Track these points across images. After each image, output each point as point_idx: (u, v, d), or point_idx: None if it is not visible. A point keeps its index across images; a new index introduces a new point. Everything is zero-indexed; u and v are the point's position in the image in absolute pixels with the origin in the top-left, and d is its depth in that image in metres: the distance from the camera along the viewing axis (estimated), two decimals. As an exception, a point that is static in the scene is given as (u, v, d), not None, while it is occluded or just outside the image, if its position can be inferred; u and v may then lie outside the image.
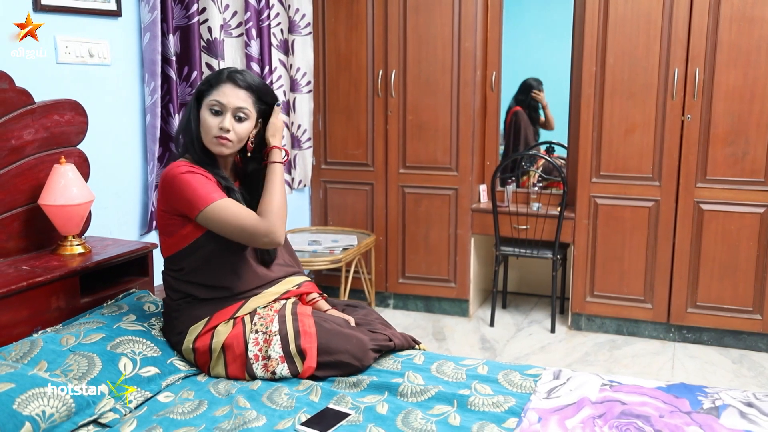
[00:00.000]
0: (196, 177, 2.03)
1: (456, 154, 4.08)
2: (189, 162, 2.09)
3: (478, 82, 4.07)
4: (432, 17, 3.99)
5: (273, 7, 3.82)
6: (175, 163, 2.08)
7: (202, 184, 2.02)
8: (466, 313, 4.25)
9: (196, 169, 2.06)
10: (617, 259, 3.85)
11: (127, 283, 2.51)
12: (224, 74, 2.11)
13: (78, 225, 2.42)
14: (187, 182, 2.02)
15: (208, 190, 2.02)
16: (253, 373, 2.08)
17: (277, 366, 2.07)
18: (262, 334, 2.10)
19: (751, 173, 3.50)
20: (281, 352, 2.07)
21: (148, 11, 2.97)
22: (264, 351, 2.08)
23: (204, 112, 2.08)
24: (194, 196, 2.01)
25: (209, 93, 2.09)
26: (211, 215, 2.01)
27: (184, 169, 2.04)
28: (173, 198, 2.05)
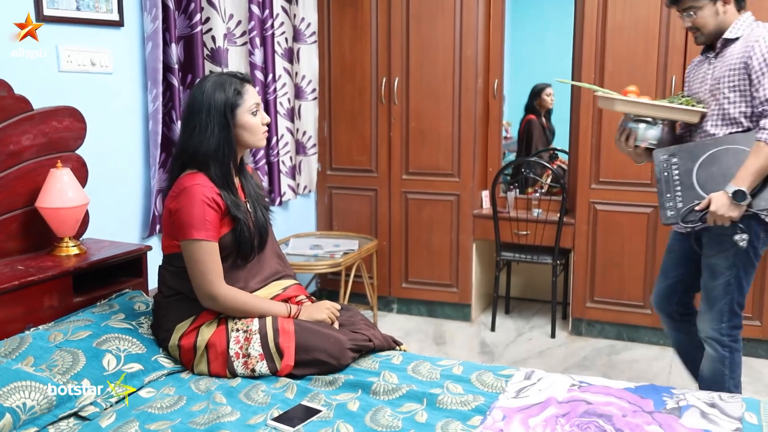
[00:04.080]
0: (200, 203, 2.11)
1: (458, 160, 4.13)
2: (209, 180, 2.17)
3: (480, 89, 4.11)
4: (434, 26, 4.05)
5: (277, 16, 3.91)
6: (201, 179, 2.15)
7: (198, 215, 2.11)
8: (468, 318, 4.28)
9: (209, 192, 2.14)
10: (617, 265, 3.86)
11: (122, 283, 2.60)
12: (238, 78, 2.22)
13: (73, 227, 2.51)
14: (191, 206, 2.11)
15: (198, 224, 2.11)
16: (234, 370, 2.15)
17: (257, 363, 2.13)
18: (243, 332, 2.17)
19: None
20: (260, 350, 2.14)
21: (151, 21, 3.07)
22: (244, 349, 2.15)
23: (245, 117, 2.20)
24: (186, 223, 2.11)
25: (241, 100, 2.20)
26: (188, 248, 2.13)
27: (200, 194, 2.12)
28: (176, 210, 2.14)
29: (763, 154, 2.26)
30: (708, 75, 2.53)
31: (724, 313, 2.49)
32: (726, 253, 2.42)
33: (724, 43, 2.48)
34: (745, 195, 2.26)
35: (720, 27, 2.46)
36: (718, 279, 2.48)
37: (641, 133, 2.53)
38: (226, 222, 2.19)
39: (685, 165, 2.42)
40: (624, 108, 2.52)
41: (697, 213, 2.37)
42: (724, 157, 2.36)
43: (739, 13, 2.47)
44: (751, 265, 2.47)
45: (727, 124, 2.43)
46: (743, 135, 2.37)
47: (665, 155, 2.47)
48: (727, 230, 2.37)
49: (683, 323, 2.77)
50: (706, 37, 2.49)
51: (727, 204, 2.29)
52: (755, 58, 2.33)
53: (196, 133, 2.16)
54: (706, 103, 2.52)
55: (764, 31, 2.37)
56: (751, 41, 2.37)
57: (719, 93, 2.44)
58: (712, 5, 2.43)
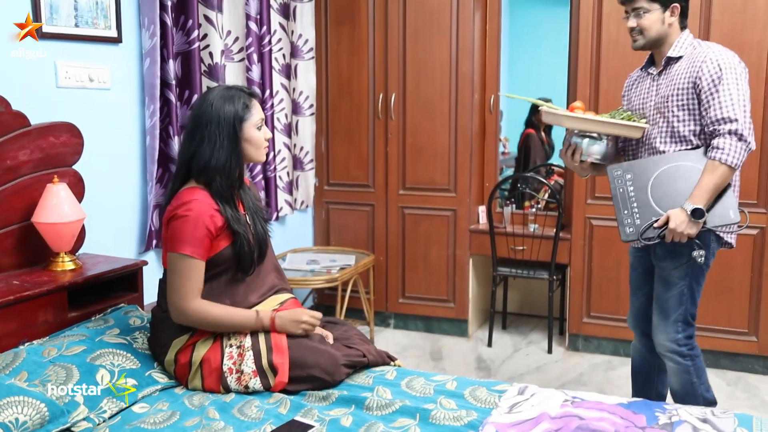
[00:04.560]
0: (195, 220, 2.12)
1: (454, 175, 4.15)
2: (209, 195, 2.18)
3: (476, 105, 4.14)
4: (430, 42, 4.08)
5: (275, 33, 3.94)
6: (200, 195, 2.16)
7: (190, 231, 2.11)
8: (465, 333, 4.28)
9: (207, 209, 2.14)
10: (613, 280, 3.87)
11: (117, 298, 2.61)
12: (245, 93, 2.23)
13: (69, 242, 2.52)
14: (187, 220, 2.12)
15: (190, 239, 2.11)
16: (228, 386, 2.15)
17: (250, 380, 2.14)
18: (237, 348, 2.17)
19: (744, 195, 3.49)
20: (254, 367, 2.14)
21: (149, 37, 3.10)
22: (238, 365, 2.15)
23: (251, 131, 2.21)
24: (179, 236, 2.12)
25: (248, 115, 2.21)
26: (173, 260, 2.14)
27: (198, 211, 2.12)
28: (172, 223, 2.15)
29: (718, 172, 2.31)
30: (652, 91, 2.57)
31: (678, 323, 2.53)
32: (680, 265, 2.46)
33: (668, 61, 2.52)
34: (703, 213, 2.31)
35: (661, 36, 2.50)
36: (672, 290, 2.51)
37: (586, 148, 2.57)
38: (225, 236, 2.19)
39: (639, 181, 2.45)
40: (570, 124, 2.56)
41: (655, 229, 2.39)
42: (677, 173, 2.40)
43: (681, 30, 2.53)
44: (702, 276, 2.53)
45: (677, 141, 2.48)
46: (693, 152, 2.41)
47: (619, 171, 2.50)
48: (683, 245, 2.40)
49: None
50: (646, 41, 2.52)
51: (686, 222, 2.32)
52: (704, 79, 2.37)
53: (204, 145, 2.16)
54: (650, 119, 2.56)
55: (708, 50, 2.42)
56: (698, 61, 2.41)
57: (668, 111, 2.48)
58: (661, 12, 2.48)
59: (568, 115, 2.53)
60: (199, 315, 2.13)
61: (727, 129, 2.32)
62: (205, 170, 2.16)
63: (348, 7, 4.23)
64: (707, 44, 2.48)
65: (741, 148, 2.31)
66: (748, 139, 2.32)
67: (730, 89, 2.34)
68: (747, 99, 2.37)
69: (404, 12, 4.11)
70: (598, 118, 2.53)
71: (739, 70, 2.38)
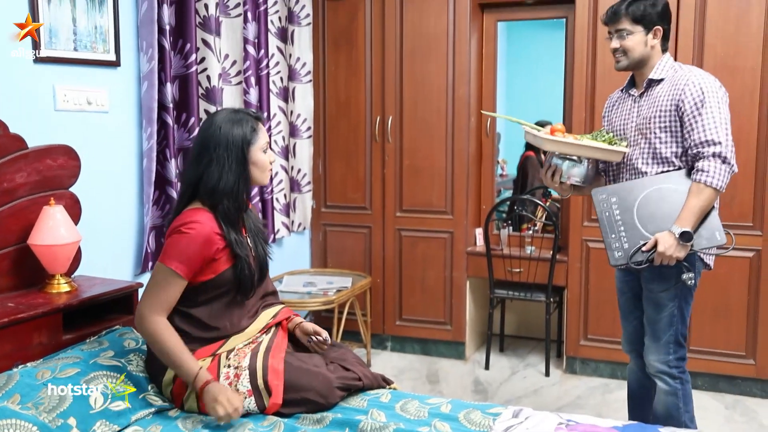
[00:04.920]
0: (192, 240, 2.12)
1: (451, 197, 4.16)
2: (213, 218, 2.18)
3: (473, 128, 4.16)
4: (427, 66, 4.12)
5: (273, 56, 3.97)
6: (204, 217, 2.16)
7: (183, 248, 2.12)
8: (463, 356, 4.27)
9: (208, 232, 2.14)
10: (610, 303, 3.85)
11: (112, 320, 2.60)
12: (252, 117, 2.25)
13: (65, 264, 2.53)
14: (185, 238, 2.12)
15: (179, 255, 2.11)
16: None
17: (245, 400, 2.13)
18: (234, 368, 2.17)
19: (740, 217, 3.52)
20: (249, 386, 2.14)
21: (147, 61, 3.12)
22: (233, 385, 2.14)
23: (257, 154, 2.23)
24: (172, 250, 2.13)
25: (255, 138, 2.22)
26: (158, 270, 2.15)
27: (199, 231, 2.13)
28: (170, 236, 2.15)
29: (704, 195, 2.33)
30: (633, 113, 2.60)
31: (670, 344, 2.52)
32: (669, 288, 2.47)
33: (649, 83, 2.55)
34: (691, 235, 2.32)
35: (643, 58, 2.53)
36: (662, 312, 2.52)
37: (566, 170, 2.59)
38: (226, 258, 2.19)
39: (624, 204, 2.46)
40: (550, 147, 2.57)
41: (644, 253, 2.39)
42: (661, 196, 2.41)
43: (662, 53, 2.56)
44: (690, 296, 2.54)
45: (658, 162, 2.50)
46: (676, 174, 2.43)
47: (604, 195, 2.51)
48: (670, 267, 2.41)
49: None
50: (629, 62, 2.54)
51: (674, 245, 2.33)
52: (687, 102, 2.40)
53: (212, 167, 2.16)
54: (631, 140, 2.57)
55: (690, 74, 2.45)
56: (680, 84, 2.44)
57: (650, 133, 2.50)
58: (644, 34, 2.50)
59: (549, 138, 2.53)
60: (154, 332, 2.11)
61: (711, 152, 2.34)
62: (213, 193, 2.17)
63: (345, 30, 4.27)
64: (688, 67, 2.52)
65: (725, 171, 2.34)
66: (731, 162, 2.35)
67: (713, 113, 2.36)
68: (728, 123, 2.39)
69: (401, 35, 4.15)
70: (578, 142, 2.54)
71: (720, 94, 2.41)
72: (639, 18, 2.49)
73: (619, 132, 2.65)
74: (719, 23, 3.48)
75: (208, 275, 2.18)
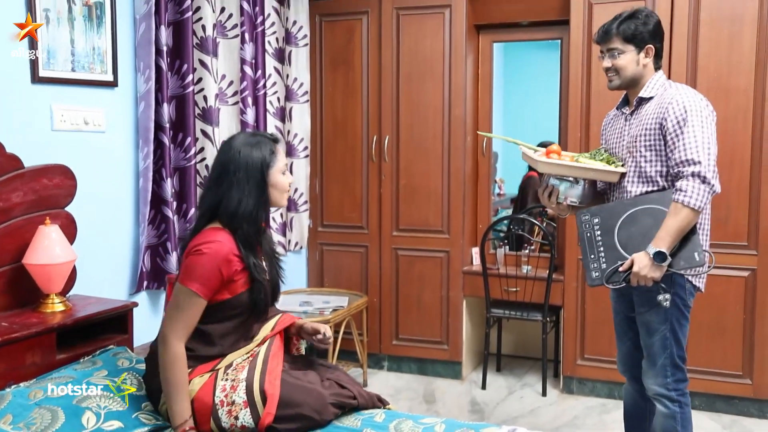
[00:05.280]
0: (210, 259, 2.13)
1: (447, 217, 4.17)
2: (232, 239, 2.18)
3: (469, 148, 4.18)
4: (424, 86, 4.15)
5: (270, 77, 4.00)
6: (223, 237, 2.17)
7: (203, 270, 2.12)
8: (459, 376, 4.26)
9: (228, 253, 2.15)
10: (607, 322, 3.82)
11: (107, 340, 2.61)
12: (270, 138, 2.27)
13: (60, 284, 2.53)
14: (204, 258, 2.13)
15: (199, 276, 2.12)
16: (219, 419, 2.14)
17: (240, 411, 2.13)
18: (231, 381, 2.18)
19: (735, 237, 3.53)
20: (245, 397, 2.14)
21: (144, 81, 3.15)
22: (229, 397, 2.15)
23: (276, 177, 2.24)
24: (191, 271, 2.13)
25: (275, 160, 2.23)
26: (179, 292, 2.14)
27: (219, 252, 2.14)
28: (189, 255, 2.16)
29: (682, 215, 2.31)
30: (624, 131, 2.60)
31: (666, 368, 2.50)
32: (657, 309, 2.44)
33: (640, 101, 2.55)
34: (666, 256, 2.30)
35: (636, 76, 2.53)
36: (654, 335, 2.49)
37: (563, 190, 2.59)
38: (243, 281, 2.20)
39: (606, 225, 2.46)
40: (546, 169, 2.56)
41: (621, 274, 2.39)
42: (643, 216, 2.41)
43: (655, 71, 2.55)
44: (683, 317, 2.50)
45: (644, 182, 2.49)
46: (659, 194, 2.42)
47: (587, 216, 2.51)
48: (652, 289, 2.40)
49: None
50: (622, 81, 2.55)
51: (648, 265, 2.32)
52: (669, 120, 2.39)
53: (232, 191, 2.17)
54: (623, 160, 2.57)
55: (676, 92, 2.44)
56: (665, 102, 2.44)
57: (636, 151, 2.50)
58: (635, 54, 2.50)
59: (543, 161, 2.53)
60: (171, 361, 2.11)
61: (690, 171, 2.32)
62: (234, 217, 2.18)
63: (343, 51, 4.31)
64: (677, 86, 2.50)
65: (704, 191, 2.31)
66: (711, 182, 2.31)
67: (695, 131, 2.35)
68: (712, 142, 2.36)
69: (398, 56, 4.19)
70: (573, 164, 2.54)
71: (705, 114, 2.39)
72: (630, 37, 2.50)
73: (613, 150, 2.66)
74: (712, 45, 3.51)
75: (225, 295, 2.19)
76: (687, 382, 2.55)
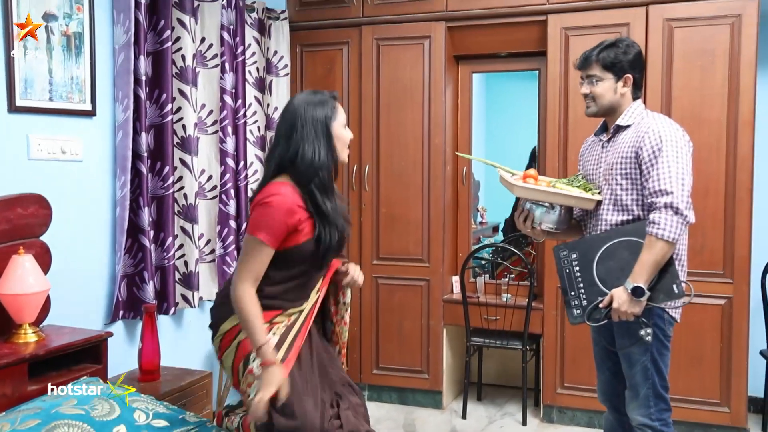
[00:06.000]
0: (275, 210, 2.21)
1: (427, 245, 4.18)
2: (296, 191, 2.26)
3: (449, 177, 4.21)
4: (404, 116, 4.18)
5: (250, 106, 4.02)
6: (288, 189, 2.24)
7: (270, 220, 2.20)
8: (440, 405, 4.24)
9: (293, 203, 2.23)
10: (586, 350, 3.84)
11: (81, 370, 2.59)
12: (331, 98, 2.36)
13: (33, 313, 2.51)
14: (271, 209, 2.21)
15: (265, 226, 2.20)
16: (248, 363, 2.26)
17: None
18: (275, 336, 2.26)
19: (711, 265, 3.56)
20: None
21: (122, 110, 3.16)
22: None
23: (339, 130, 2.34)
24: (258, 221, 2.22)
25: (335, 115, 2.34)
26: (248, 242, 2.23)
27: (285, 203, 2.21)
28: (256, 207, 2.24)
29: (656, 248, 2.32)
30: (601, 159, 2.63)
31: (649, 398, 2.49)
32: (638, 342, 2.44)
33: (617, 129, 2.58)
34: (644, 291, 2.32)
35: (613, 105, 2.57)
36: (635, 367, 2.50)
37: (538, 216, 2.60)
38: (308, 230, 2.27)
39: (584, 261, 2.46)
40: (521, 193, 2.58)
41: (601, 310, 2.40)
42: (620, 250, 2.42)
43: (633, 100, 2.59)
44: (664, 348, 2.50)
45: (619, 210, 2.51)
46: (634, 226, 2.43)
47: (565, 251, 2.51)
48: (632, 324, 2.40)
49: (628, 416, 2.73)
50: (599, 108, 2.59)
51: (627, 301, 2.33)
52: (645, 150, 2.41)
53: (306, 144, 2.27)
54: (600, 187, 2.59)
55: (653, 122, 2.47)
56: (641, 131, 2.46)
57: (612, 179, 2.52)
58: (613, 82, 2.54)
59: (519, 185, 2.55)
60: (241, 298, 2.20)
61: (662, 202, 2.33)
62: (311, 166, 2.26)
63: (323, 80, 4.34)
64: (654, 115, 2.53)
65: (677, 222, 2.32)
66: (684, 213, 2.32)
67: (669, 162, 2.37)
68: (687, 173, 2.38)
69: (378, 86, 4.23)
70: (549, 190, 2.55)
71: (680, 144, 2.41)
72: (609, 65, 2.53)
73: (590, 177, 2.68)
74: (685, 77, 3.57)
75: (291, 243, 2.26)
76: (670, 412, 2.54)
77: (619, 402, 2.69)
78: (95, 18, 3.05)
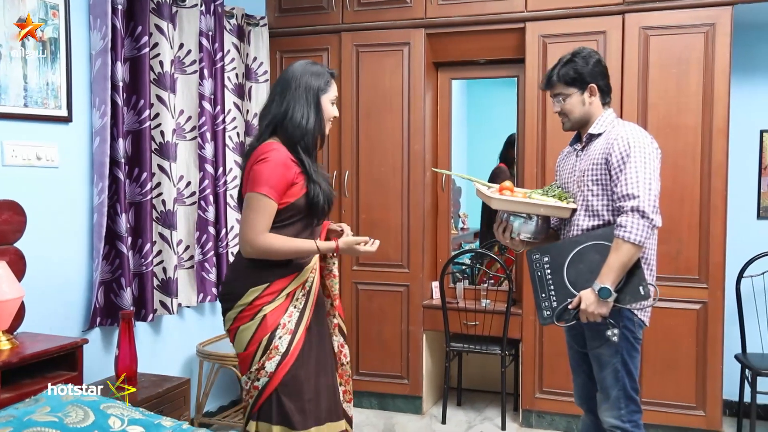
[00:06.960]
0: (274, 165, 2.32)
1: (407, 251, 4.19)
2: (287, 149, 2.38)
3: (429, 183, 4.23)
4: (383, 122, 4.20)
5: (229, 112, 4.02)
6: (280, 147, 2.37)
7: (270, 174, 2.32)
8: (420, 410, 4.24)
9: (287, 158, 2.35)
10: (564, 355, 3.81)
11: (56, 377, 2.56)
12: (328, 74, 2.49)
13: (6, 321, 2.49)
14: (269, 164, 2.32)
15: (266, 181, 2.31)
16: (272, 338, 2.37)
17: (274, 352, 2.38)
18: (297, 310, 2.44)
19: (686, 271, 3.60)
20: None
21: (99, 117, 3.15)
22: (286, 327, 2.40)
23: (326, 104, 2.47)
24: (258, 177, 2.32)
25: (328, 89, 2.47)
26: (250, 199, 2.33)
27: (280, 158, 2.33)
28: (256, 167, 2.33)
29: (623, 250, 2.37)
30: (576, 167, 2.67)
31: (620, 399, 2.53)
32: (608, 344, 2.49)
33: (590, 137, 2.63)
34: (610, 292, 2.36)
35: (585, 116, 2.62)
36: (605, 369, 2.53)
37: (516, 227, 2.63)
38: (302, 185, 2.38)
39: (555, 264, 2.51)
40: (498, 205, 2.61)
41: (570, 311, 2.44)
42: (590, 253, 2.46)
43: (603, 107, 2.64)
44: (634, 350, 2.54)
45: (591, 215, 2.55)
46: (604, 230, 2.48)
47: (537, 254, 2.56)
48: (601, 325, 2.45)
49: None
50: (572, 123, 2.64)
51: (595, 302, 2.37)
52: (614, 155, 2.46)
53: (297, 106, 2.40)
54: (575, 195, 2.63)
55: (623, 129, 2.52)
56: (611, 138, 2.51)
57: (584, 185, 2.57)
58: (579, 95, 2.60)
59: (496, 197, 2.57)
60: (264, 244, 2.32)
61: (629, 206, 2.38)
62: (298, 127, 2.39)
63: (303, 87, 4.34)
64: (624, 123, 2.59)
65: (643, 225, 2.36)
66: (650, 216, 2.37)
67: (637, 167, 2.41)
68: (654, 178, 2.42)
69: (357, 92, 4.24)
70: (525, 200, 2.58)
71: (648, 150, 2.45)
72: (571, 81, 2.58)
73: (566, 186, 2.71)
74: (661, 85, 3.61)
75: (288, 199, 2.36)
76: (641, 413, 2.58)
77: (595, 405, 2.71)
78: (71, 23, 3.04)
